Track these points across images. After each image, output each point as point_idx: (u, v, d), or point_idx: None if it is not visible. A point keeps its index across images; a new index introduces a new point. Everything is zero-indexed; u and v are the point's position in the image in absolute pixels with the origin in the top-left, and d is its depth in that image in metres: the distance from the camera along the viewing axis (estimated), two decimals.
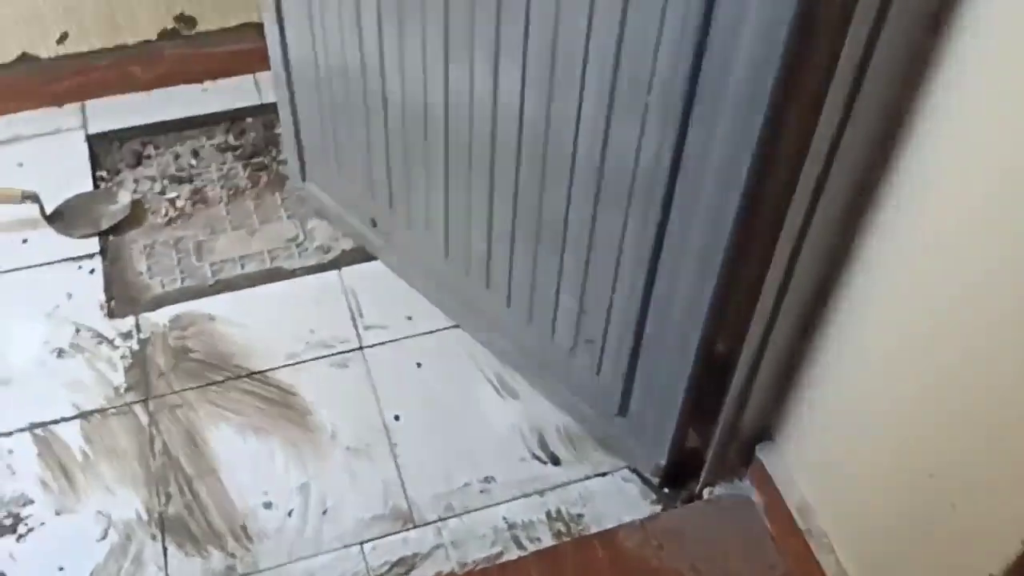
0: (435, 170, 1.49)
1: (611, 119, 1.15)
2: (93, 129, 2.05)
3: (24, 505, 1.45)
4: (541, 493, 1.50)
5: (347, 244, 1.86)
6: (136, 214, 1.90)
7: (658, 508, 1.49)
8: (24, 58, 1.99)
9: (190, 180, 1.98)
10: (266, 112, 2.12)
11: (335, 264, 1.83)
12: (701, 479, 1.46)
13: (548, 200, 1.32)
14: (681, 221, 1.16)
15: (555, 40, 1.15)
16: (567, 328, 1.45)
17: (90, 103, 2.10)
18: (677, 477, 1.49)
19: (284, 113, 1.80)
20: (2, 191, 1.81)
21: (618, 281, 1.31)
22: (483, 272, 1.56)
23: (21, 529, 1.42)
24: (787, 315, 1.24)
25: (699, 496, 1.48)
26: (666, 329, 1.29)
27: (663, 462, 1.46)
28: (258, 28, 2.09)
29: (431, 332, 1.72)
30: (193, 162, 2.02)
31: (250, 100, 2.14)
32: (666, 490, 1.50)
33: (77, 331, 1.69)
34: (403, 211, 1.66)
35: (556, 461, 1.54)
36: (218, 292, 1.77)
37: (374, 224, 1.77)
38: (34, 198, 1.82)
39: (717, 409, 1.37)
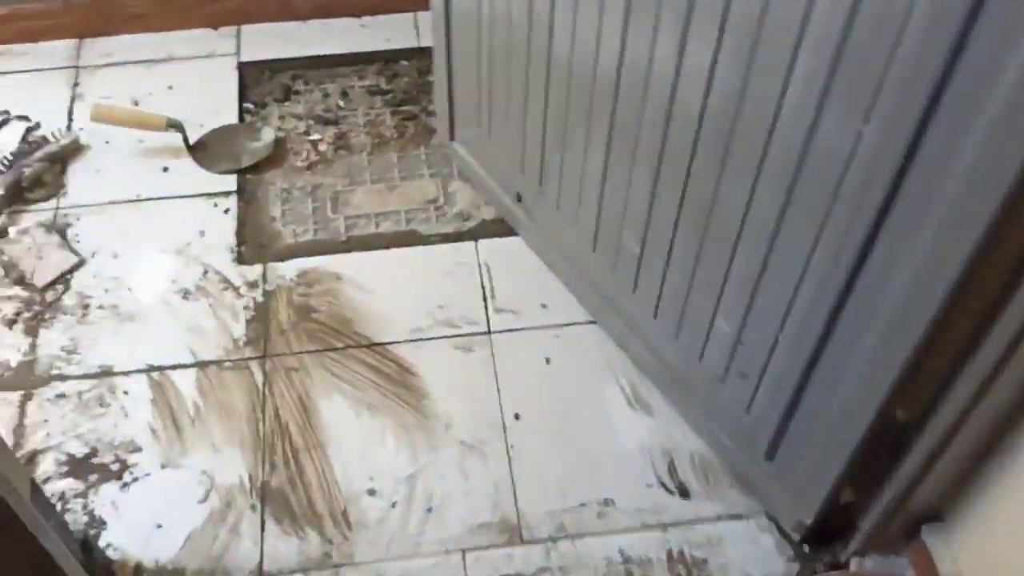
0: (595, 147, 1.32)
1: (823, 108, 0.93)
2: (246, 56, 1.98)
3: (132, 452, 1.42)
4: (664, 528, 1.36)
5: (488, 213, 1.73)
6: (277, 153, 1.82)
7: (795, 568, 1.32)
8: None
9: (336, 123, 1.89)
10: (422, 57, 1.99)
11: (472, 234, 1.70)
12: (851, 546, 1.28)
13: (724, 195, 1.13)
14: (891, 252, 0.95)
15: (766, 4, 0.95)
16: (719, 355, 1.28)
17: (246, 28, 2.03)
18: (822, 536, 1.32)
19: (439, 62, 1.66)
20: (148, 118, 1.76)
21: (790, 315, 1.12)
22: (632, 274, 1.40)
23: (126, 477, 1.39)
24: (994, 394, 1.03)
25: (845, 564, 1.30)
26: (839, 383, 1.11)
27: (809, 521, 1.28)
28: None
29: (565, 325, 1.58)
30: (341, 103, 1.92)
31: (407, 41, 2.02)
32: (807, 549, 1.33)
33: (205, 273, 1.64)
34: (553, 190, 1.50)
35: (685, 493, 1.39)
36: (349, 250, 1.68)
37: (519, 199, 1.62)
38: (178, 127, 1.77)
39: (883, 476, 1.18)
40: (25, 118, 1.85)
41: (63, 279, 1.62)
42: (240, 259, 1.66)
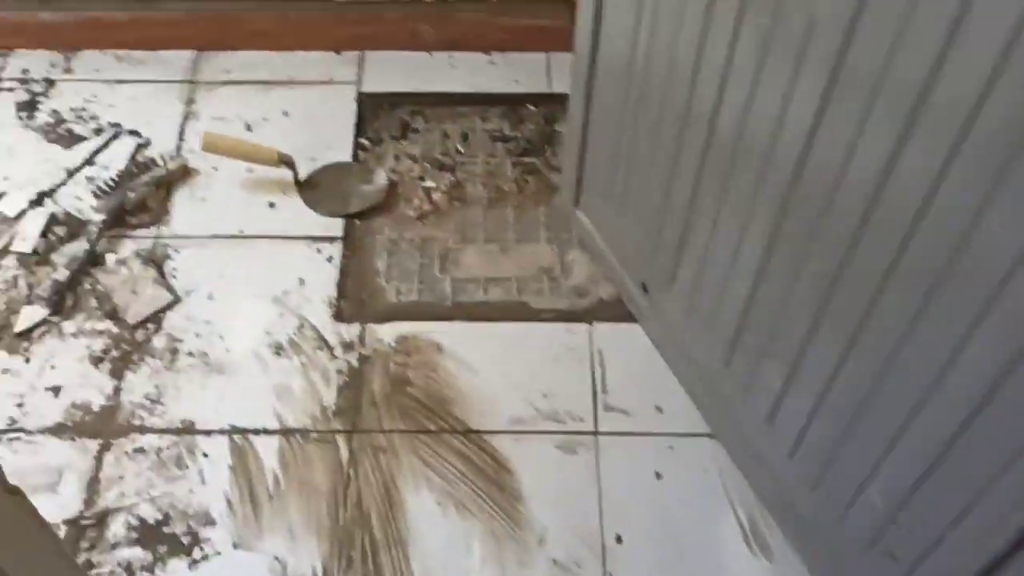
0: (751, 249, 1.15)
1: None
2: (367, 86, 1.87)
3: (205, 525, 1.33)
4: None
5: (607, 291, 1.59)
6: (389, 198, 1.71)
7: None
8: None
9: (452, 169, 1.76)
10: (551, 103, 1.85)
11: (587, 315, 1.56)
12: None
13: (920, 337, 0.93)
14: None
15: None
16: (863, 525, 1.11)
17: (370, 55, 1.92)
18: None
19: (574, 114, 1.49)
20: (260, 151, 1.67)
21: (976, 511, 0.94)
22: (768, 406, 1.23)
23: (197, 554, 1.31)
24: None
25: None
26: None
27: None
28: (566, 4, 1.82)
29: (681, 435, 1.42)
30: (460, 147, 1.80)
31: (537, 85, 1.88)
32: None
33: (300, 327, 1.54)
34: (686, 288, 1.35)
35: None
36: (453, 317, 1.56)
37: (644, 289, 1.47)
38: (289, 163, 1.68)
39: None
40: (136, 134, 1.78)
41: (155, 317, 1.55)
42: (338, 315, 1.56)
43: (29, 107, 1.82)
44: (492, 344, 1.53)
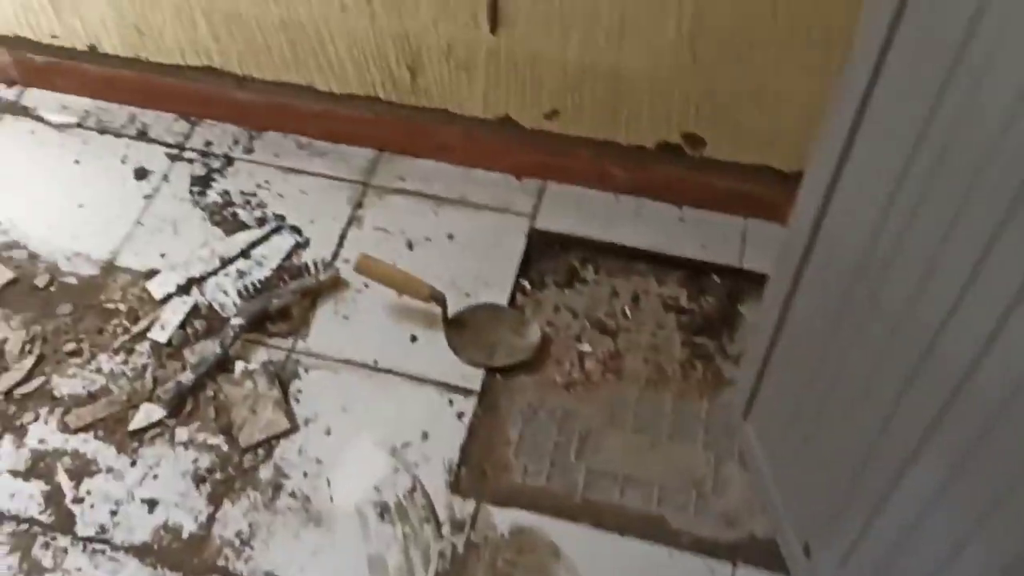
0: (991, 550, 0.91)
1: None
2: (541, 221, 1.72)
3: None
4: None
5: (761, 528, 1.36)
6: (538, 355, 1.55)
7: None
8: (506, 121, 1.70)
9: (614, 334, 1.58)
10: (738, 278, 1.64)
11: (733, 554, 1.34)
12: None
13: None
14: None
15: None
16: None
17: (552, 187, 1.77)
18: None
19: (769, 305, 1.25)
20: (412, 283, 1.55)
21: None
22: None
23: None
24: None
25: None
26: None
27: None
28: (776, 175, 1.63)
29: None
30: (628, 311, 1.62)
31: (727, 254, 1.67)
32: None
33: (412, 490, 1.40)
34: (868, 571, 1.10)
35: None
36: (579, 518, 1.37)
37: (807, 552, 1.23)
38: (440, 301, 1.55)
39: None
40: (297, 231, 1.71)
41: (268, 444, 1.45)
42: (456, 485, 1.40)
43: (203, 183, 1.79)
44: (617, 563, 1.33)
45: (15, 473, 1.43)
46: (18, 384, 1.52)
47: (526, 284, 1.66)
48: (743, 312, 1.61)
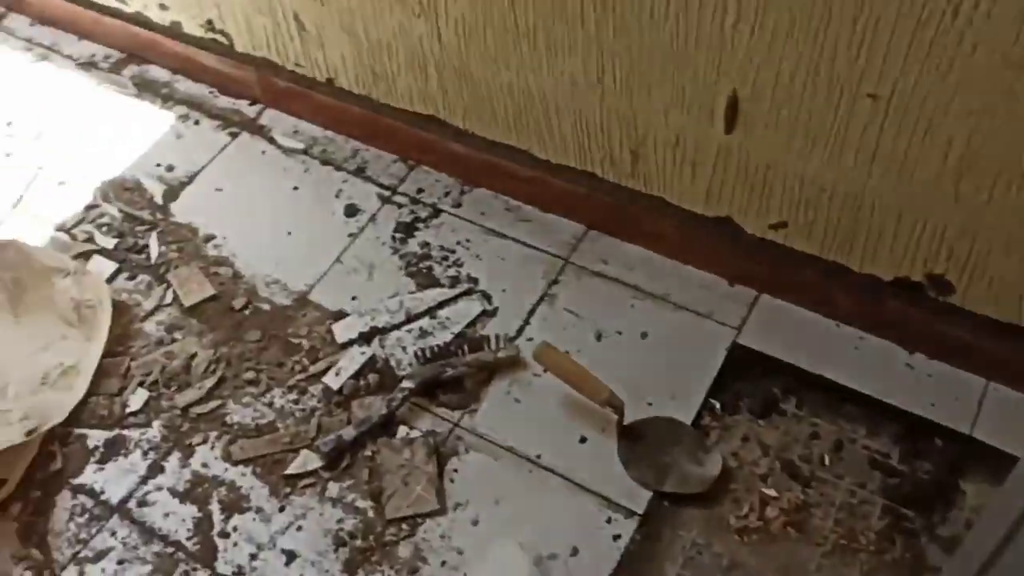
0: None
1: None
2: (746, 337, 1.56)
3: None
4: None
5: None
6: (714, 487, 1.40)
7: None
8: (726, 222, 1.57)
9: (806, 483, 1.40)
10: (965, 448, 1.41)
11: None
12: None
13: None
14: None
15: None
16: None
17: (765, 300, 1.61)
18: None
19: (1015, 491, 1.02)
20: (590, 384, 1.44)
21: None
22: None
23: None
24: None
25: None
26: None
27: None
28: None
29: None
30: (827, 458, 1.43)
31: (956, 416, 1.44)
32: None
33: None
34: None
35: None
36: None
37: None
38: (618, 408, 1.43)
39: None
40: (487, 298, 1.65)
41: (413, 520, 1.39)
42: None
43: (407, 230, 1.77)
44: None
45: (174, 492, 1.45)
46: (196, 402, 1.55)
47: (716, 405, 1.51)
48: (965, 489, 1.38)
